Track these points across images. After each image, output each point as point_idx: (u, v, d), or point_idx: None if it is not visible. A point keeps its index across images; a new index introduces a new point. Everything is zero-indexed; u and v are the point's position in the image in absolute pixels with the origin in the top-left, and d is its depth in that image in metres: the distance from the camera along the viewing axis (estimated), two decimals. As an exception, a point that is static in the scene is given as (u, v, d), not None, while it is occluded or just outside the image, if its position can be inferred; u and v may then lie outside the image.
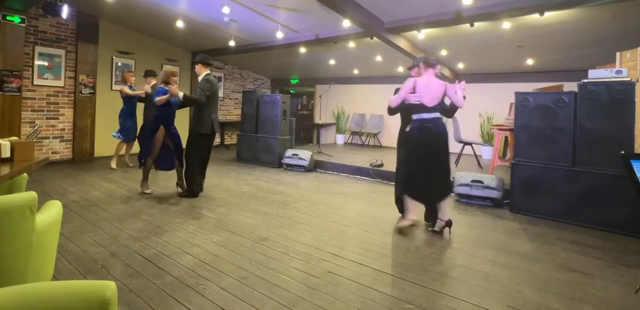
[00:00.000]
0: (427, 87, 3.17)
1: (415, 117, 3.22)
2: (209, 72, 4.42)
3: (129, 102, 5.76)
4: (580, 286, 2.34)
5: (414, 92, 3.18)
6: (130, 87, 5.75)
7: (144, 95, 5.66)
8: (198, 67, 4.42)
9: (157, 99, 4.15)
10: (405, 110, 3.36)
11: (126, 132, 5.79)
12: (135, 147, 6.14)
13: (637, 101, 3.45)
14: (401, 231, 3.29)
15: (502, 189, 4.30)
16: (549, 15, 4.50)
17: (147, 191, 4.39)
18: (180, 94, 4.13)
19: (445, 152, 3.25)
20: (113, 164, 5.90)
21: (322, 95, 8.88)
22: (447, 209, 3.27)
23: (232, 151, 8.30)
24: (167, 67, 4.47)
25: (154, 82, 5.75)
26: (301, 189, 4.92)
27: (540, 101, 3.92)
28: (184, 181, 4.42)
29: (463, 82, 3.28)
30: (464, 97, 3.28)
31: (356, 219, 3.72)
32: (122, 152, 6.12)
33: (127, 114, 5.77)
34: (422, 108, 3.18)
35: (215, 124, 4.38)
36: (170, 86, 4.17)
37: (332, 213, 3.88)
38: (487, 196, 4.30)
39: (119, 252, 2.64)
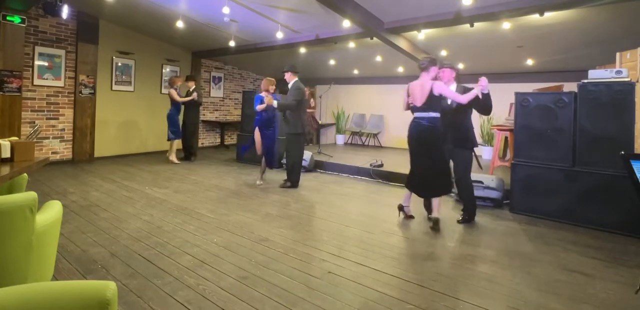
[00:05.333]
0: (415, 89, 3.50)
1: (414, 115, 3.60)
2: (297, 79, 4.94)
3: (177, 104, 6.59)
4: (581, 286, 2.34)
5: (408, 96, 3.59)
6: (176, 90, 6.54)
7: (194, 100, 6.63)
8: (288, 75, 4.95)
9: (258, 107, 4.82)
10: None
11: (178, 130, 6.58)
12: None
13: (637, 101, 3.45)
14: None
15: (502, 190, 4.30)
16: (549, 15, 4.50)
17: (258, 182, 5.14)
18: (275, 103, 4.79)
19: (431, 146, 3.44)
20: (174, 158, 6.60)
21: (322, 96, 8.88)
22: (437, 206, 3.47)
23: (232, 151, 8.29)
24: (268, 77, 5.15)
25: (194, 86, 6.74)
26: (301, 189, 4.92)
27: (540, 101, 3.92)
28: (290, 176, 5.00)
29: (482, 79, 3.42)
30: (484, 94, 3.47)
31: (356, 219, 3.72)
32: (174, 147, 6.69)
33: (175, 115, 6.58)
34: (415, 108, 3.54)
35: (305, 123, 4.98)
36: (266, 94, 4.86)
37: (332, 213, 3.88)
38: (487, 196, 4.30)
39: (119, 252, 2.64)
